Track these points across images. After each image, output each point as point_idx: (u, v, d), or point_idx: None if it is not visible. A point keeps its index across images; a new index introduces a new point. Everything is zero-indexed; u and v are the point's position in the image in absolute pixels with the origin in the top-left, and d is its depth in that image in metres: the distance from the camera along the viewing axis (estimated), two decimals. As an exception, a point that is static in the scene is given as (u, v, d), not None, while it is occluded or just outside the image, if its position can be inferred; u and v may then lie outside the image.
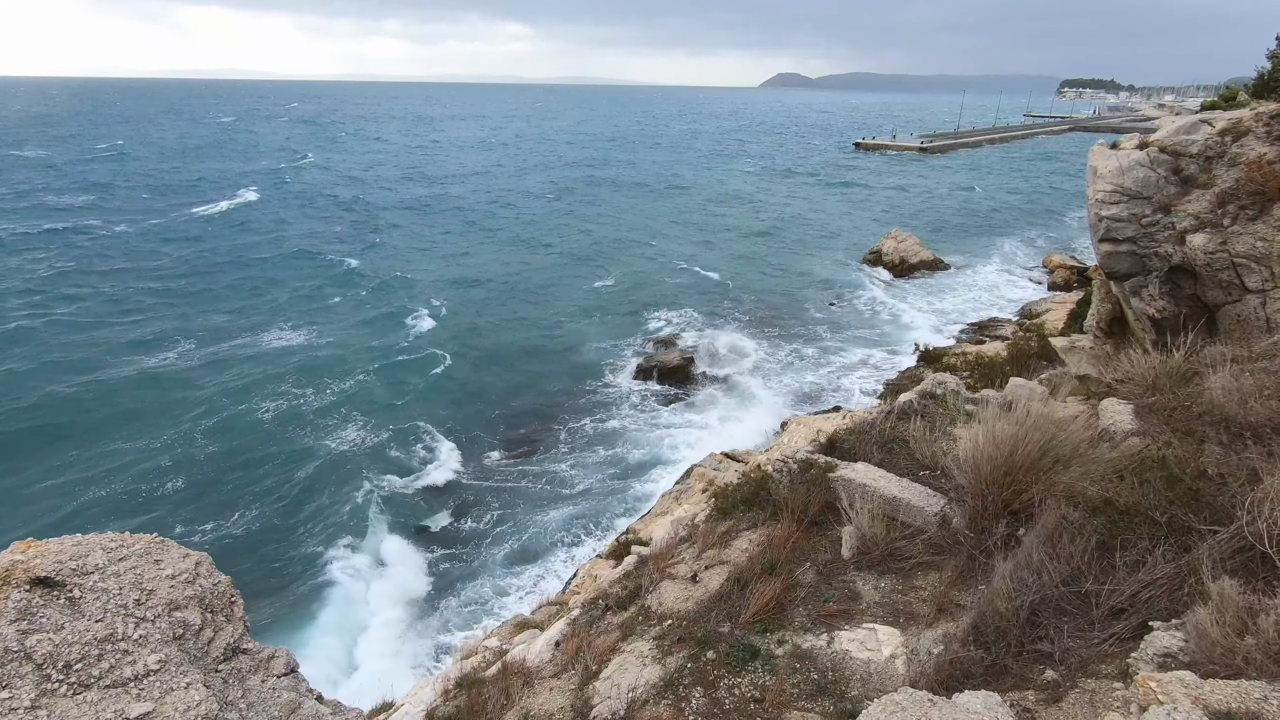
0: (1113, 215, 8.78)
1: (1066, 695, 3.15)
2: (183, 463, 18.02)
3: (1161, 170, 8.81)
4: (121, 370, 23.15)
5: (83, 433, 19.38)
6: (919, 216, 53.14)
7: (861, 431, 6.77)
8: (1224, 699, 2.41)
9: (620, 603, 5.81)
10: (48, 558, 2.16)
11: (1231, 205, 8.04)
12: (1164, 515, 3.80)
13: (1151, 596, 3.47)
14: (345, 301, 31.27)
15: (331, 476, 17.70)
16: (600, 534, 15.66)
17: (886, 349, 26.51)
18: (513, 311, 30.59)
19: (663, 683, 4.29)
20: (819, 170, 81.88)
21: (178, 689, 2.00)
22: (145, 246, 39.07)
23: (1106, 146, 9.71)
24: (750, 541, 5.78)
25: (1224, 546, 3.51)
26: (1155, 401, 5.50)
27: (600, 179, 70.11)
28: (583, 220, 50.20)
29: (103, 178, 62.41)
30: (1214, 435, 4.65)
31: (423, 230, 46.04)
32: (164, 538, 2.56)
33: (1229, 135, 8.73)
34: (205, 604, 2.35)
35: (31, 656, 1.88)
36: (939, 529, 5.04)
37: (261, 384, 22.41)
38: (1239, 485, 3.93)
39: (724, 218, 52.30)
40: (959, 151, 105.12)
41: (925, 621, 4.35)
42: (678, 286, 34.48)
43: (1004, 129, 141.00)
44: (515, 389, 22.97)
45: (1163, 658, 2.98)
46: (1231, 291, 7.88)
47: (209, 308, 29.65)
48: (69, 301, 29.56)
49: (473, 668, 6.14)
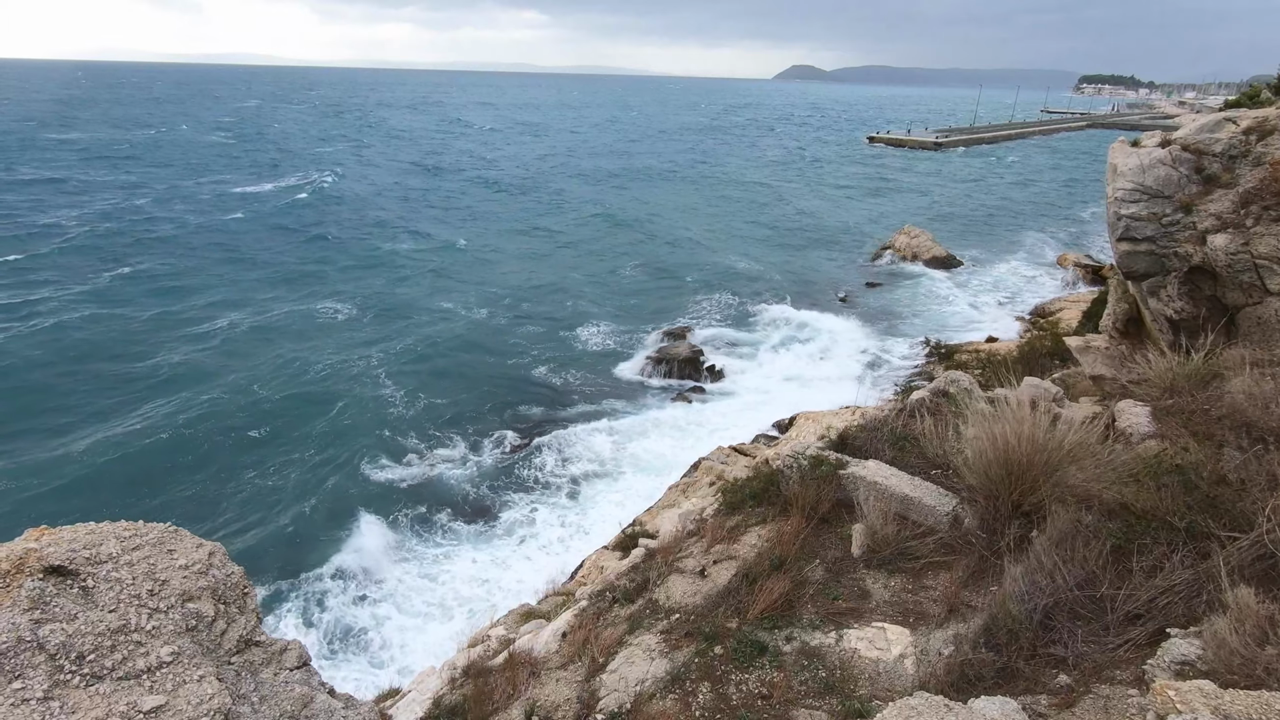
0: (1132, 214, 8.65)
1: (1080, 700, 3.11)
2: (195, 444, 18.21)
3: (1183, 169, 8.66)
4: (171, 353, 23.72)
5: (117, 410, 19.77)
6: (932, 212, 52.71)
7: (873, 428, 6.72)
8: (1245, 709, 2.37)
9: (627, 595, 5.80)
10: (61, 546, 2.16)
11: (1255, 205, 7.90)
12: (1182, 521, 3.74)
13: (1169, 603, 3.42)
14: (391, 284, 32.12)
15: (333, 467, 17.79)
16: (604, 524, 15.69)
17: (898, 343, 26.35)
18: (531, 300, 30.76)
19: (669, 677, 4.28)
20: (832, 164, 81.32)
21: (191, 681, 2.00)
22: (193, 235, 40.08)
23: (1127, 144, 9.55)
24: (759, 537, 5.76)
25: (1244, 554, 3.46)
26: (1173, 404, 5.43)
27: (629, 170, 70.72)
28: (609, 209, 50.50)
29: (179, 157, 65.19)
30: (1233, 440, 4.58)
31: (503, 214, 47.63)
32: (177, 527, 2.56)
33: (1253, 134, 8.57)
34: (218, 595, 2.34)
35: (44, 647, 1.88)
36: (951, 529, 5.00)
37: (280, 364, 22.83)
38: (1259, 491, 3.87)
39: (735, 209, 52.07)
40: (975, 147, 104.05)
41: (935, 622, 4.31)
42: (690, 277, 34.43)
43: (1020, 124, 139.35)
44: (526, 376, 23.05)
45: (1180, 665, 2.93)
46: (1252, 293, 7.76)
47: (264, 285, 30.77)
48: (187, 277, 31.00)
49: (479, 656, 6.15)
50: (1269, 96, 11.71)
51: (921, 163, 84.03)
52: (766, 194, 59.26)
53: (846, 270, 37.08)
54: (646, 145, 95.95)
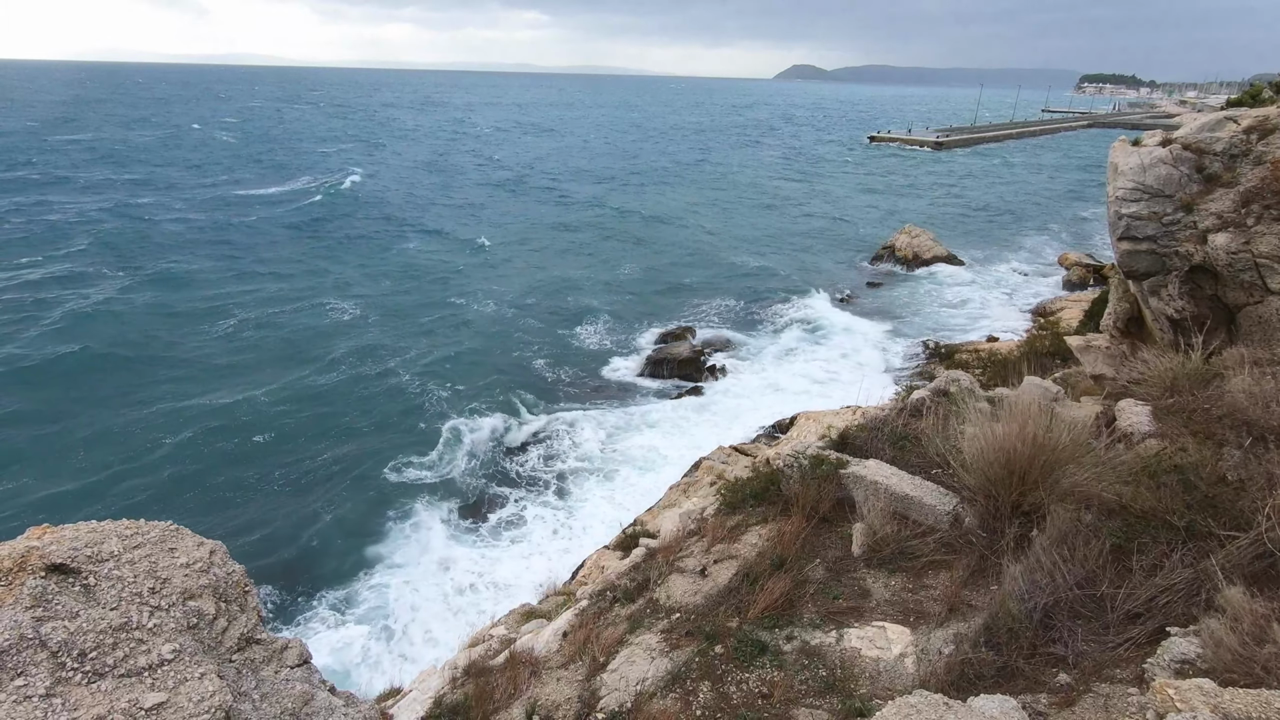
0: (1133, 213, 8.64)
1: (1080, 699, 3.11)
2: (194, 445, 18.24)
3: (1184, 168, 8.65)
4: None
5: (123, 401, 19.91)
6: (933, 211, 52.70)
7: (873, 428, 6.72)
8: (1244, 707, 2.37)
9: (628, 595, 5.81)
10: (63, 544, 2.17)
11: (1256, 204, 7.89)
12: (1182, 520, 3.74)
13: (1168, 602, 3.42)
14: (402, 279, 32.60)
15: (338, 463, 17.83)
16: (603, 523, 15.69)
17: (899, 343, 26.34)
18: (535, 300, 30.83)
19: (670, 676, 4.29)
20: (833, 163, 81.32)
21: (192, 679, 2.01)
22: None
23: (1128, 143, 9.54)
24: (759, 536, 5.76)
25: (1243, 553, 3.47)
26: (1174, 403, 5.43)
27: (631, 170, 71.06)
28: (612, 208, 50.87)
29: (205, 158, 66.08)
30: (1234, 439, 4.57)
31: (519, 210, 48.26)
32: (178, 525, 2.57)
33: (1255, 133, 8.56)
34: (219, 593, 2.35)
35: (46, 644, 1.89)
36: (951, 528, 5.00)
37: (287, 361, 23.02)
38: (1259, 491, 3.87)
39: (737, 210, 52.10)
40: (976, 146, 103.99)
41: (936, 621, 4.32)
42: (691, 277, 34.45)
43: (1021, 124, 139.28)
44: (526, 378, 23.08)
45: (1180, 664, 2.94)
46: (1253, 293, 7.75)
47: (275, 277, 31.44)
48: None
49: (480, 655, 6.16)
50: (1270, 95, 11.69)
51: (923, 162, 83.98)
52: (768, 194, 59.28)
53: (847, 270, 37.07)
54: (650, 145, 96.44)
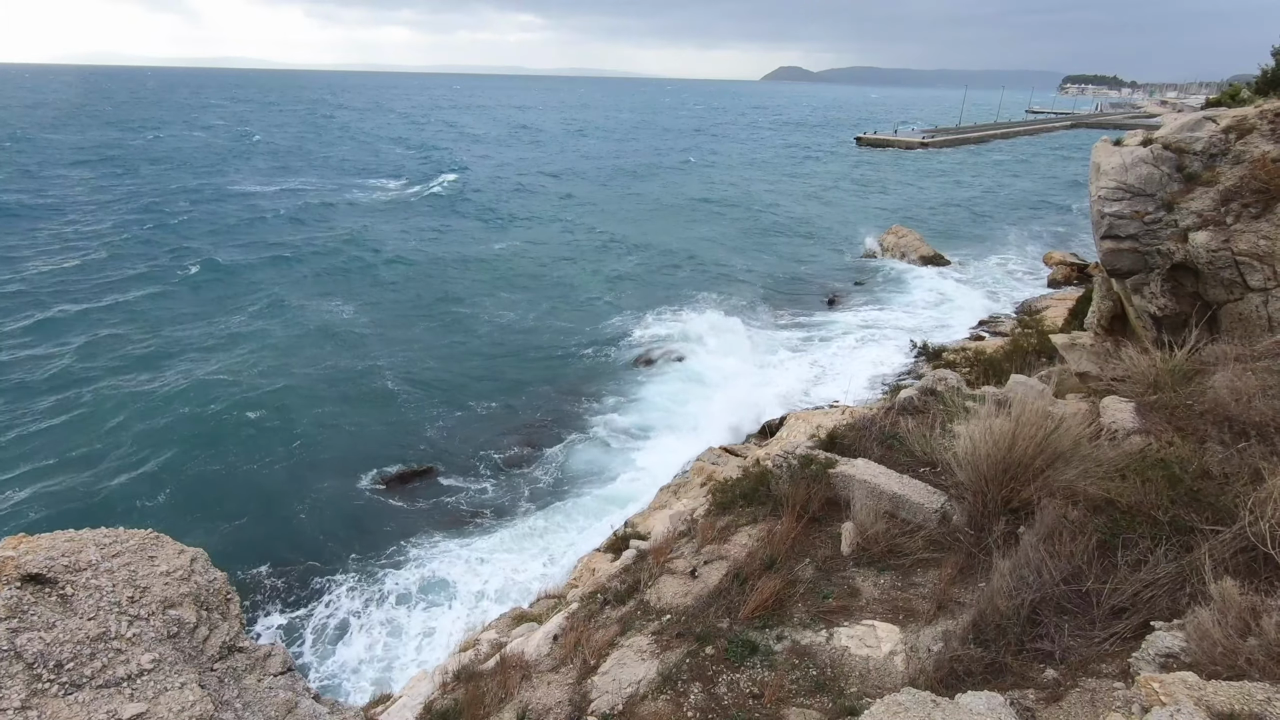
0: (1115, 212, 8.73)
1: (1067, 694, 3.13)
2: (194, 441, 18.15)
3: (1165, 167, 8.76)
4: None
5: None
6: (920, 211, 53.02)
7: (862, 427, 6.75)
8: (1227, 700, 2.40)
9: (619, 597, 5.80)
10: (39, 554, 2.12)
11: (1235, 203, 8.00)
12: (1166, 515, 3.78)
13: (1153, 596, 3.45)
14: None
15: (325, 469, 17.70)
16: (593, 525, 15.65)
17: (886, 343, 26.46)
18: (528, 300, 30.91)
19: (661, 678, 4.28)
20: (821, 164, 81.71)
21: (172, 689, 1.97)
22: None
23: (1110, 143, 9.64)
24: (750, 537, 5.77)
25: (1226, 547, 3.50)
26: (1157, 400, 5.48)
27: (626, 170, 71.45)
28: (598, 209, 51.03)
29: (183, 160, 65.96)
30: (1216, 434, 4.62)
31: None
32: (159, 533, 2.52)
33: (1233, 132, 8.68)
34: (200, 601, 2.31)
35: (22, 656, 1.84)
36: (939, 526, 5.02)
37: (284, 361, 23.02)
38: (1242, 485, 3.92)
39: (725, 211, 52.21)
40: (961, 147, 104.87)
41: (925, 618, 4.33)
42: (677, 278, 34.52)
43: (1006, 125, 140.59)
44: (525, 379, 23.06)
45: (1164, 658, 2.96)
46: (1234, 290, 7.85)
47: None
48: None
49: (470, 660, 6.13)
50: (1249, 96, 11.85)
51: (909, 163, 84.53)
52: (756, 195, 59.44)
53: (834, 269, 37.20)
54: (642, 143, 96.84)
